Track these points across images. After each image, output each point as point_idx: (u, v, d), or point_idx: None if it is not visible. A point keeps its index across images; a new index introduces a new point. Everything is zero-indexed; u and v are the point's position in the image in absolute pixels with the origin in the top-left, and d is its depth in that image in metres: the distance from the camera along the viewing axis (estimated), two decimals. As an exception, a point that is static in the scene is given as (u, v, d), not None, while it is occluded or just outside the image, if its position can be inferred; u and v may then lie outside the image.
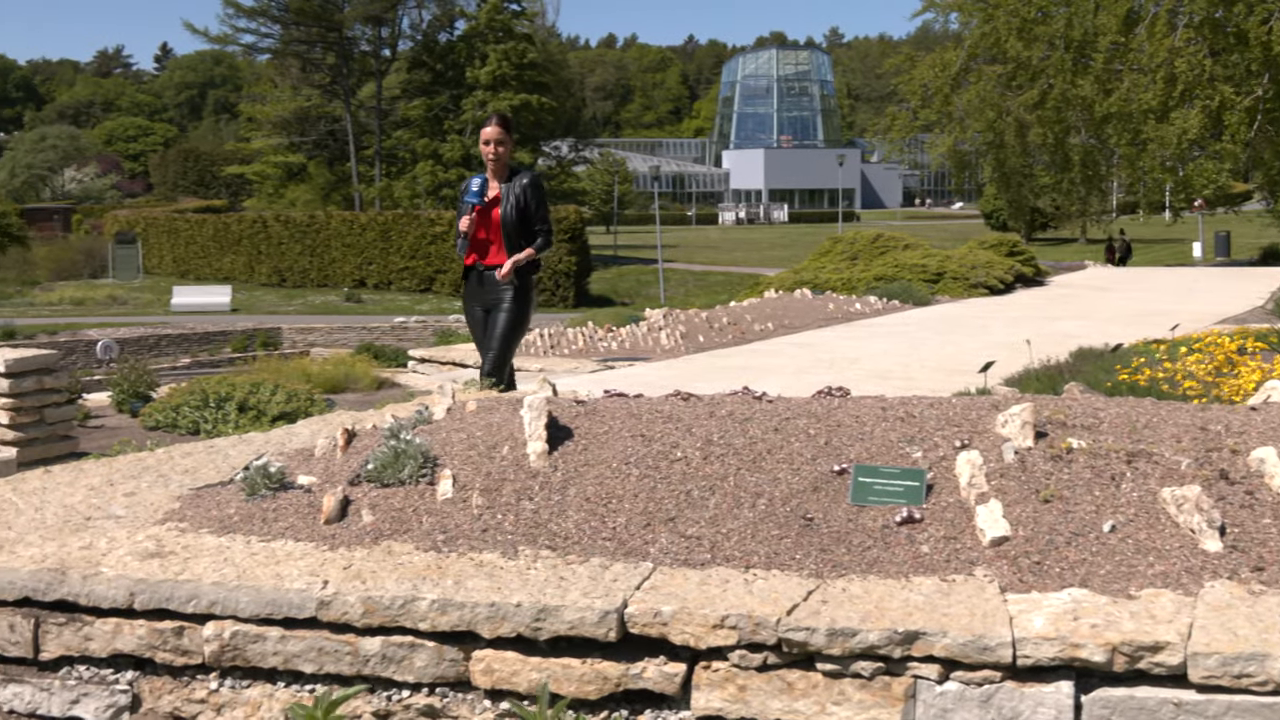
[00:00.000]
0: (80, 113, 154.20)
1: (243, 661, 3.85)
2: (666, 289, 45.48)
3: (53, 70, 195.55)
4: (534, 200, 8.82)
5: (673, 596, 3.62)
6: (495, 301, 8.80)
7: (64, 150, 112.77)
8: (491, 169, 8.86)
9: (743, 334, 15.23)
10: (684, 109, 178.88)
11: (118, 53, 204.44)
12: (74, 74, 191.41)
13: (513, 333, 8.89)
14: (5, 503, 4.88)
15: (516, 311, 8.82)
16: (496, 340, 8.79)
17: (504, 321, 8.78)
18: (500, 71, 61.62)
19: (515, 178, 8.82)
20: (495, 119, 8.93)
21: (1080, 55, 33.17)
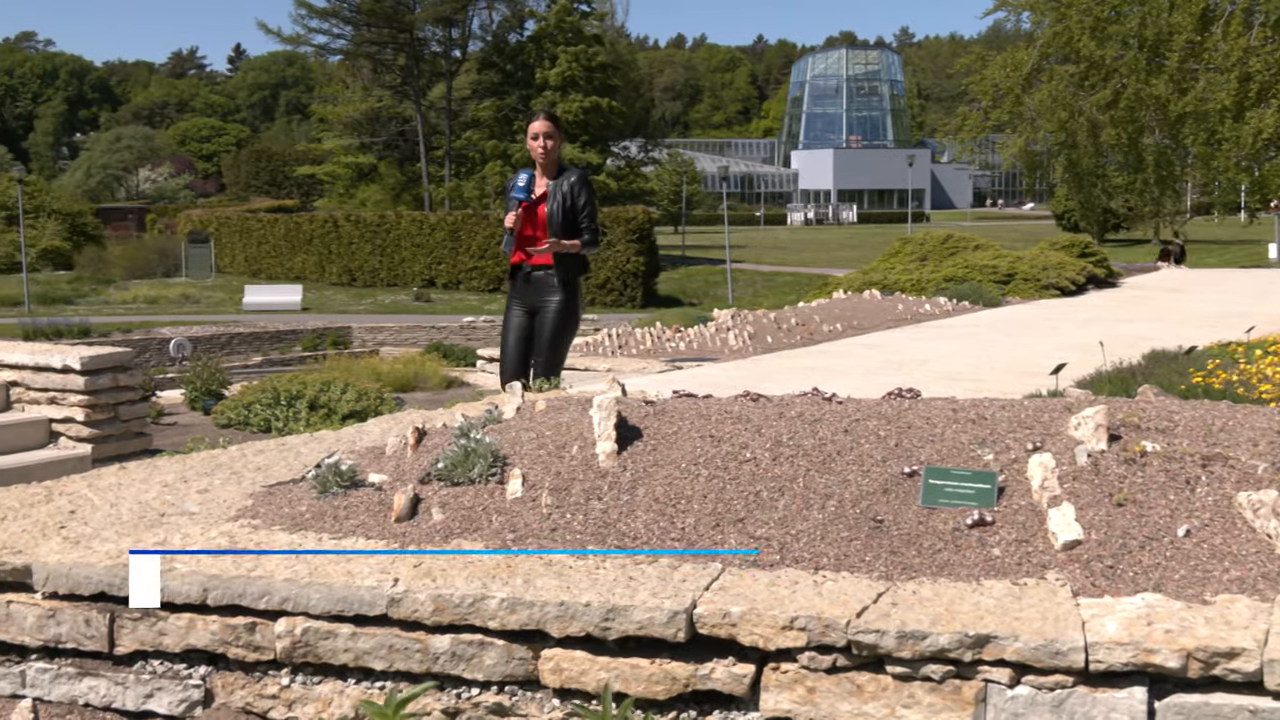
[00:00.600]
0: (155, 113, 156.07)
1: (314, 658, 3.88)
2: (734, 289, 45.42)
3: (128, 72, 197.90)
4: (583, 198, 8.57)
5: (741, 597, 3.62)
6: (541, 304, 8.58)
7: (139, 151, 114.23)
8: (540, 165, 8.64)
9: (811, 335, 15.18)
10: (753, 109, 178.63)
11: (192, 54, 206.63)
12: (149, 75, 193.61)
13: (563, 335, 8.65)
14: (81, 499, 4.95)
15: (565, 311, 8.59)
16: (546, 343, 8.56)
17: (553, 323, 8.55)
18: (569, 73, 61.79)
19: (564, 174, 8.61)
20: (544, 114, 8.70)
21: (1154, 54, 32.83)
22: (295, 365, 25.78)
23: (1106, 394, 7.39)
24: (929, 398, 5.30)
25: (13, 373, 9.95)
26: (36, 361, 9.84)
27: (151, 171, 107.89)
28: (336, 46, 67.92)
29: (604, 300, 45.35)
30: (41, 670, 4.13)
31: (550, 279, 8.52)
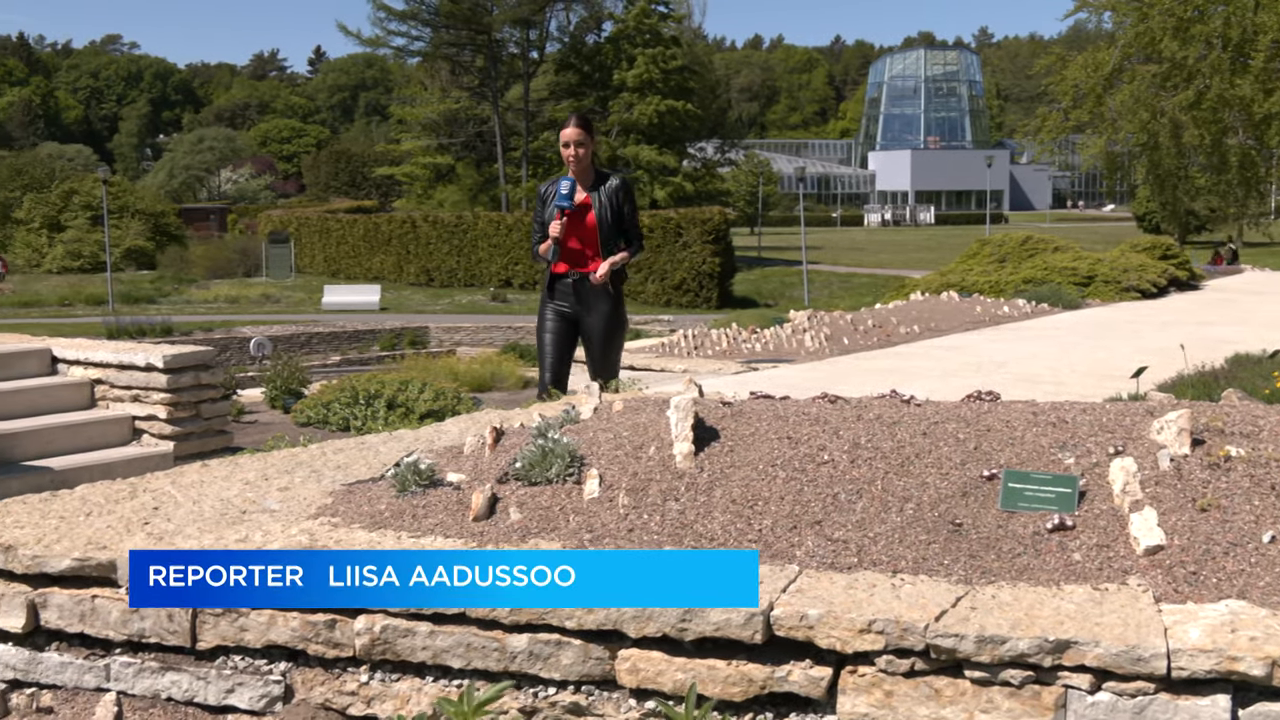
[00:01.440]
0: (236, 115, 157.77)
1: (392, 655, 3.90)
2: (810, 291, 45.25)
3: (211, 74, 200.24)
4: (628, 204, 8.47)
5: (819, 600, 3.60)
6: (590, 311, 8.45)
7: (220, 152, 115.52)
8: (573, 172, 8.44)
9: (888, 336, 15.11)
10: (830, 110, 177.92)
11: (273, 56, 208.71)
12: (231, 77, 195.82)
13: (617, 340, 8.64)
14: (165, 495, 5.01)
15: (616, 318, 8.53)
16: (601, 350, 8.51)
17: (605, 330, 8.49)
18: (647, 75, 61.84)
19: (604, 181, 8.45)
20: (575, 119, 8.49)
21: (1239, 54, 32.40)
22: (373, 365, 25.99)
23: (1189, 398, 7.30)
24: (1008, 401, 5.26)
25: (98, 371, 10.08)
26: (120, 360, 9.97)
27: (233, 172, 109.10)
28: (415, 48, 68.34)
29: (679, 301, 45.34)
30: (125, 664, 4.19)
31: (597, 286, 8.40)
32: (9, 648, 4.32)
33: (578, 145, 8.35)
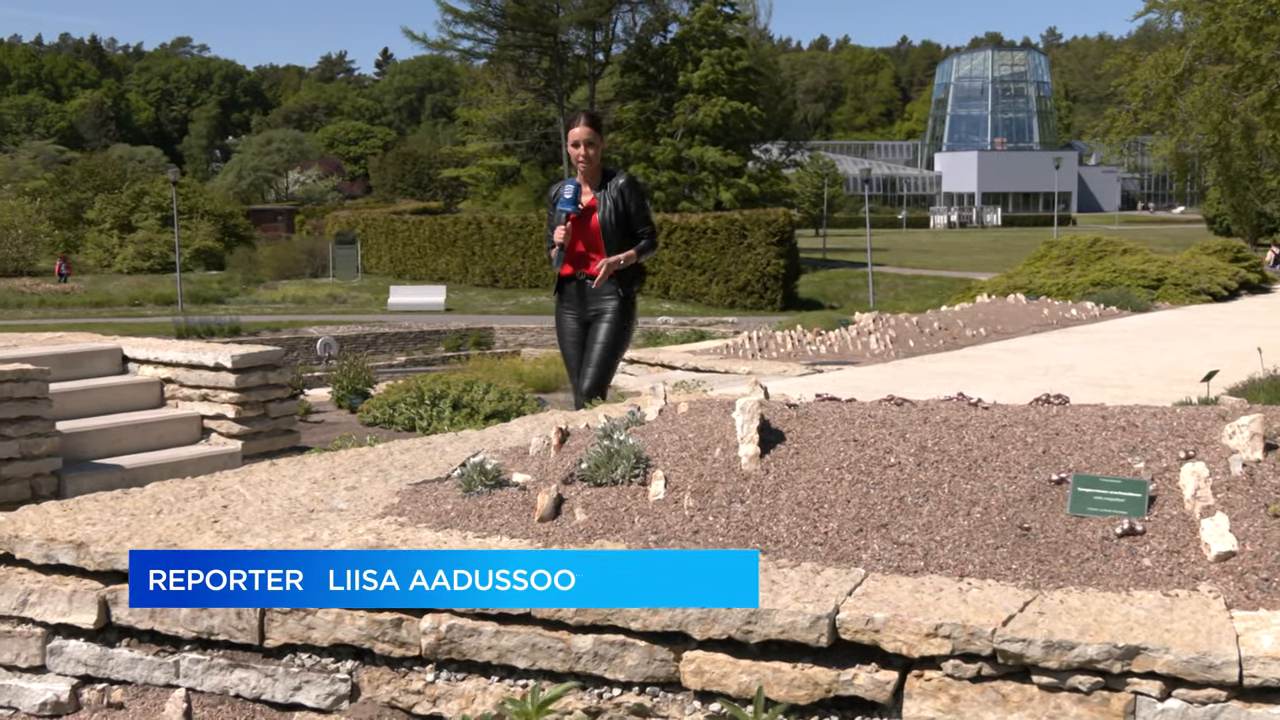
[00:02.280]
0: (304, 117, 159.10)
1: (458, 655, 3.92)
2: (875, 293, 45.08)
3: (279, 76, 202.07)
4: (634, 203, 8.16)
5: (885, 603, 3.59)
6: (595, 314, 8.19)
7: (288, 153, 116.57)
8: (581, 172, 8.20)
9: (954, 339, 15.02)
10: (896, 111, 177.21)
11: (341, 58, 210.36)
12: (299, 79, 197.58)
13: (616, 348, 8.25)
14: (234, 494, 5.05)
15: (620, 324, 8.20)
16: (597, 356, 8.13)
17: (606, 334, 8.15)
18: (712, 76, 61.83)
19: (610, 181, 8.18)
20: (584, 117, 8.24)
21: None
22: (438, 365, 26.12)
23: (1262, 402, 7.22)
24: (1077, 404, 5.22)
25: (167, 370, 10.19)
26: (190, 359, 10.07)
27: (300, 174, 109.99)
28: (481, 51, 68.72)
29: (743, 303, 45.29)
30: (194, 661, 4.23)
31: (607, 287, 8.14)
32: (81, 643, 4.37)
33: (587, 145, 8.13)
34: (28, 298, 46.07)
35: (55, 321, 35.79)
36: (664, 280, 48.99)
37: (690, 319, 37.36)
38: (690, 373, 13.96)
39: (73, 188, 74.18)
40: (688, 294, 47.75)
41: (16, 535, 4.54)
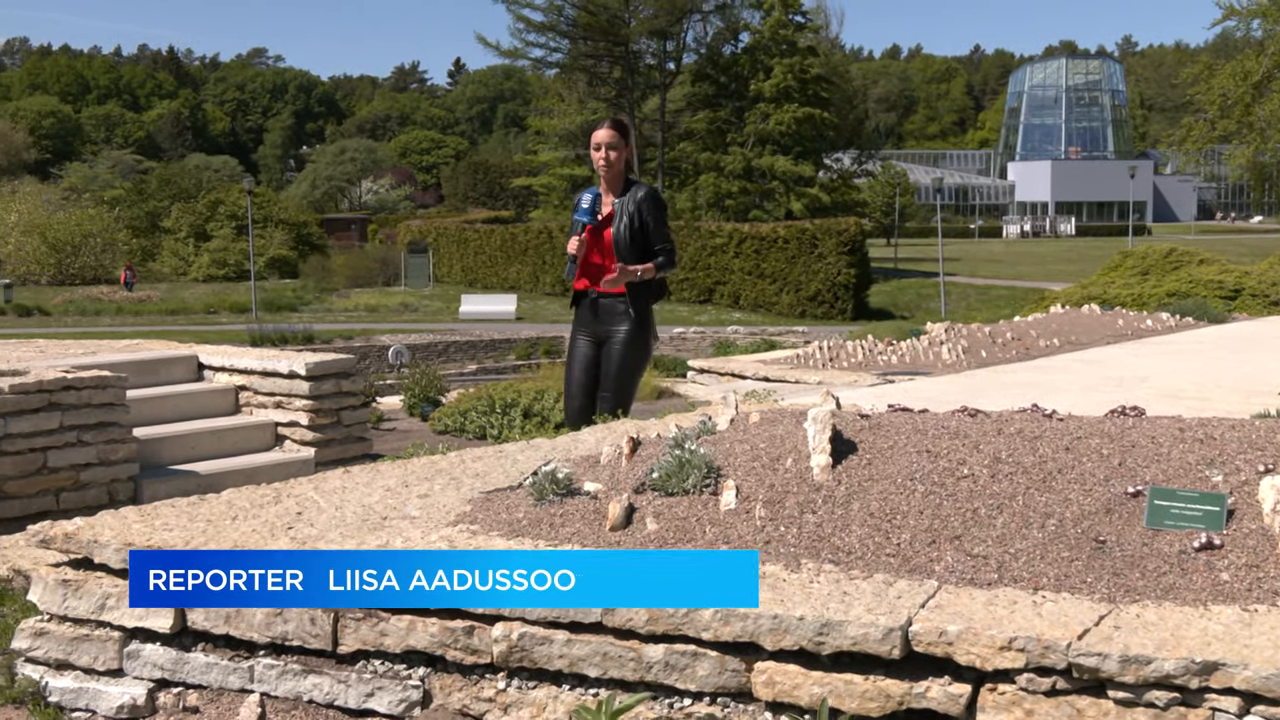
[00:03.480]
0: (377, 126, 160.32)
1: (529, 663, 3.93)
2: (947, 303, 44.85)
3: (353, 86, 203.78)
4: (652, 217, 7.71)
5: (958, 616, 3.56)
6: (608, 334, 7.78)
7: (361, 163, 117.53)
8: (604, 180, 7.80)
9: (1027, 350, 14.90)
10: (968, 120, 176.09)
11: (414, 68, 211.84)
12: (372, 89, 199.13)
13: (633, 372, 7.85)
14: (308, 501, 5.10)
15: (635, 346, 7.79)
16: (613, 382, 7.74)
17: (620, 358, 7.76)
18: (784, 85, 61.73)
19: (630, 191, 7.75)
20: (609, 121, 7.84)
21: (1394, 62, 31.51)
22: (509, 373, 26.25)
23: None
24: (1153, 416, 5.16)
25: (242, 377, 10.29)
26: (264, 367, 10.17)
27: (373, 183, 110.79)
28: (553, 60, 68.93)
29: (814, 313, 45.18)
30: (269, 666, 4.27)
31: (618, 306, 7.75)
32: (157, 647, 4.42)
33: (609, 148, 7.70)
34: (105, 305, 46.70)
35: (132, 329, 36.24)
36: (734, 289, 48.95)
37: (760, 328, 37.31)
38: (760, 382, 13.93)
39: (149, 197, 75.23)
40: (758, 303, 47.69)
41: (95, 540, 4.60)
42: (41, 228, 63.10)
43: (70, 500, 8.46)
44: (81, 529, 4.72)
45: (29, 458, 8.30)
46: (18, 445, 8.23)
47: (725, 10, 65.34)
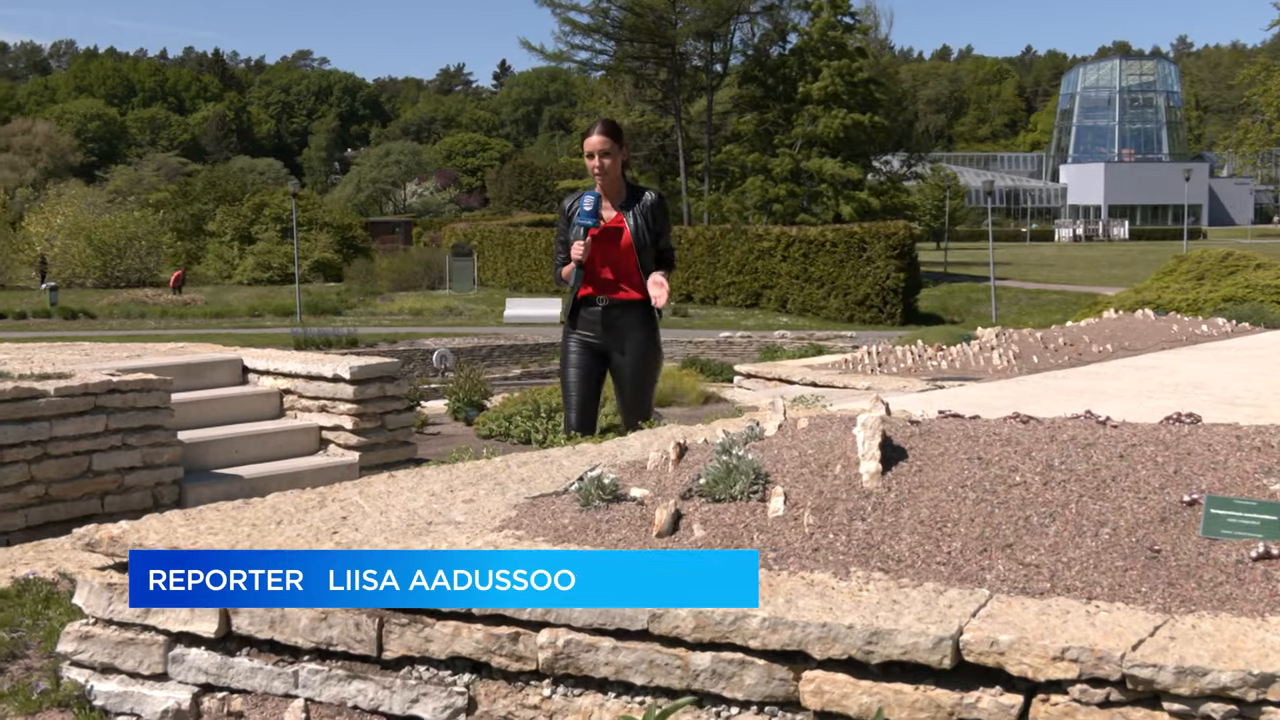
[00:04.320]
0: (422, 129, 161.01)
1: (575, 670, 3.93)
2: (998, 307, 44.63)
3: (398, 88, 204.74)
4: (663, 223, 7.67)
5: (1010, 625, 3.54)
6: (623, 344, 7.65)
7: (406, 165, 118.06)
8: (599, 185, 7.65)
9: (1079, 355, 14.81)
10: (1020, 122, 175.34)
11: (459, 70, 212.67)
12: (417, 91, 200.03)
13: (653, 377, 7.82)
14: (352, 505, 5.12)
15: (652, 355, 7.73)
16: (635, 389, 7.68)
17: (641, 366, 7.68)
18: (832, 87, 61.58)
19: (637, 198, 7.66)
20: (600, 125, 7.66)
21: None
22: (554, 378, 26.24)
23: (1403, 423, 7.04)
24: (1209, 423, 5.12)
25: (286, 381, 10.35)
26: (308, 370, 10.23)
27: (418, 186, 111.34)
28: (599, 62, 69.11)
29: (862, 317, 45.06)
30: (313, 672, 4.29)
31: (631, 314, 7.66)
32: (202, 652, 4.45)
33: (603, 155, 7.55)
34: (150, 308, 47.07)
35: (176, 332, 36.52)
36: (781, 293, 48.88)
37: (808, 333, 37.24)
38: (808, 388, 13.89)
39: (194, 199, 75.80)
40: (805, 308, 47.61)
41: (140, 543, 4.63)
42: (87, 230, 63.71)
43: (115, 504, 8.55)
44: (127, 532, 4.76)
45: (74, 461, 8.39)
46: (63, 448, 8.32)
47: (773, 11, 65.29)
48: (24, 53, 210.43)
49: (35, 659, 4.98)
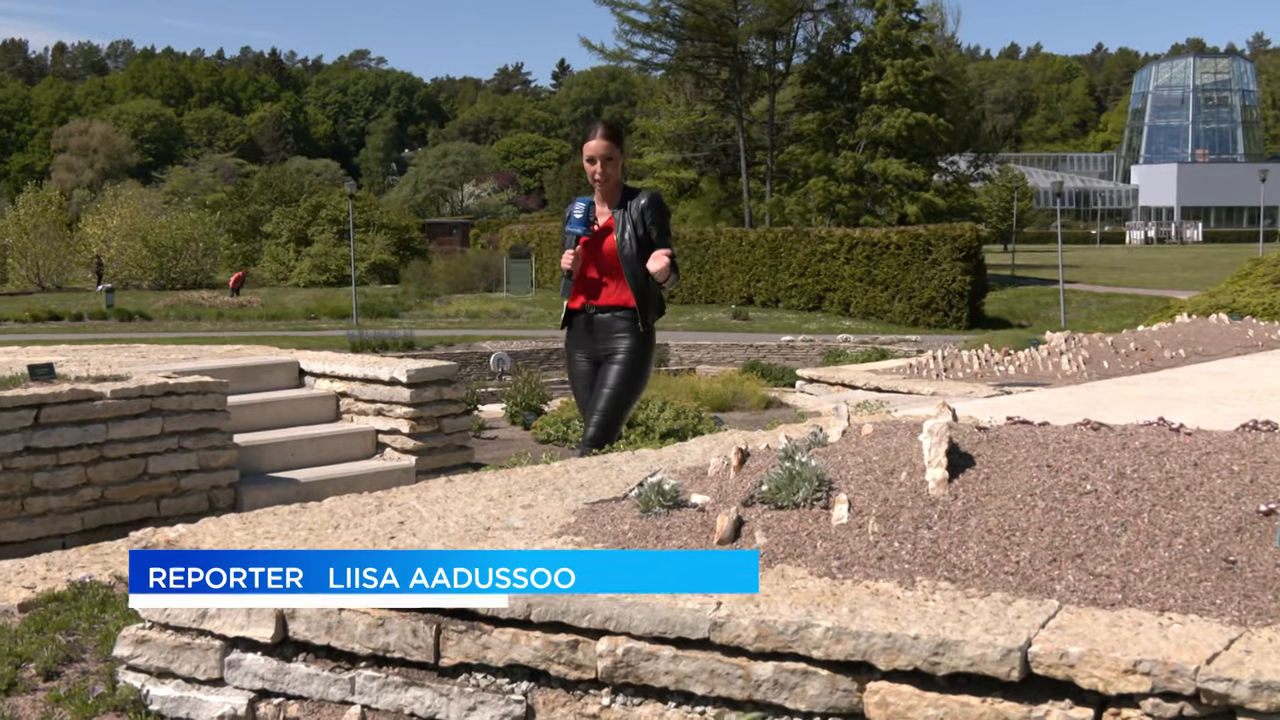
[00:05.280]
0: (480, 129, 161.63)
1: (634, 679, 3.93)
2: (1067, 311, 44.28)
3: (455, 88, 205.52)
4: (656, 225, 7.39)
5: (1080, 637, 3.52)
6: (608, 352, 7.45)
7: (464, 166, 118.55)
8: (599, 191, 7.46)
9: (1151, 361, 14.69)
10: (1090, 122, 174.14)
11: (517, 70, 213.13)
12: (475, 91, 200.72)
13: (630, 391, 7.45)
14: (410, 510, 5.14)
15: (637, 365, 7.43)
16: (605, 403, 7.35)
17: (618, 377, 7.38)
18: (896, 87, 61.26)
19: (631, 200, 7.43)
20: (601, 129, 7.42)
21: None
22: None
23: None
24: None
25: (342, 384, 10.42)
26: (365, 373, 10.29)
27: (475, 187, 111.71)
28: (659, 61, 68.96)
29: (927, 321, 44.82)
30: (370, 678, 4.31)
31: (620, 321, 7.45)
32: (258, 657, 4.48)
33: (605, 161, 7.32)
34: (206, 310, 47.46)
35: (232, 334, 36.80)
36: (844, 297, 48.71)
37: (871, 337, 37.10)
38: (872, 393, 13.85)
39: (250, 200, 76.36)
40: (869, 311, 47.43)
41: (197, 547, 4.67)
42: (143, 232, 64.37)
43: (170, 507, 8.63)
44: (184, 536, 4.80)
45: (130, 463, 8.48)
46: (119, 451, 8.41)
47: (836, 9, 65.05)
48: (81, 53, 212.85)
49: (92, 663, 5.03)
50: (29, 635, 5.30)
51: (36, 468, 8.10)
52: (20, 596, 6.10)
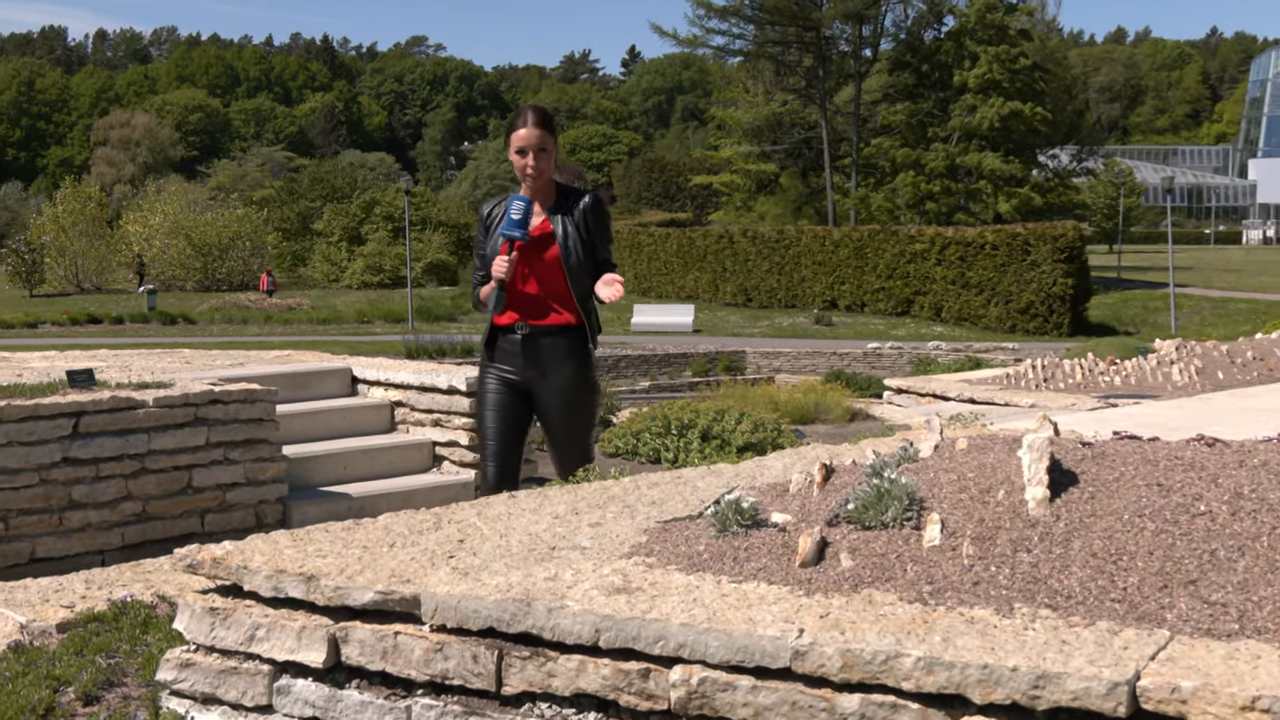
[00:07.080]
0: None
1: (710, 710, 3.92)
2: (1178, 317, 43.88)
3: (519, 77, 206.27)
4: (600, 234, 7.00)
5: (1193, 670, 3.48)
6: (550, 378, 6.97)
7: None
8: (529, 188, 6.97)
9: (1270, 371, 14.53)
10: (1203, 112, 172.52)
11: (584, 58, 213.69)
12: (539, 80, 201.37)
13: (592, 418, 7.23)
14: (470, 527, 5.16)
15: (588, 388, 7.13)
16: (570, 434, 7.08)
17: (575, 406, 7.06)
18: (990, 75, 60.78)
19: (570, 201, 7.00)
20: (532, 115, 6.92)
21: None
22: (685, 391, 26.32)
23: None
24: None
25: (398, 393, 10.46)
26: (422, 381, 10.32)
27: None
28: (736, 47, 68.89)
29: (1025, 327, 44.53)
30: (427, 706, 4.33)
31: (561, 344, 7.00)
32: (309, 683, 4.51)
33: (538, 152, 6.89)
34: (253, 313, 47.93)
35: (281, 338, 37.11)
36: (935, 301, 48.46)
37: (965, 344, 36.93)
38: (966, 404, 13.79)
39: (301, 197, 76.96)
40: (962, 316, 47.14)
41: (245, 566, 4.71)
42: (187, 230, 65.09)
43: (215, 522, 8.70)
44: (231, 554, 4.84)
45: (173, 476, 8.54)
46: (161, 463, 8.47)
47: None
48: (123, 40, 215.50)
49: (133, 687, 5.09)
50: (67, 657, 5.37)
51: (75, 480, 8.16)
52: (58, 616, 6.17)
